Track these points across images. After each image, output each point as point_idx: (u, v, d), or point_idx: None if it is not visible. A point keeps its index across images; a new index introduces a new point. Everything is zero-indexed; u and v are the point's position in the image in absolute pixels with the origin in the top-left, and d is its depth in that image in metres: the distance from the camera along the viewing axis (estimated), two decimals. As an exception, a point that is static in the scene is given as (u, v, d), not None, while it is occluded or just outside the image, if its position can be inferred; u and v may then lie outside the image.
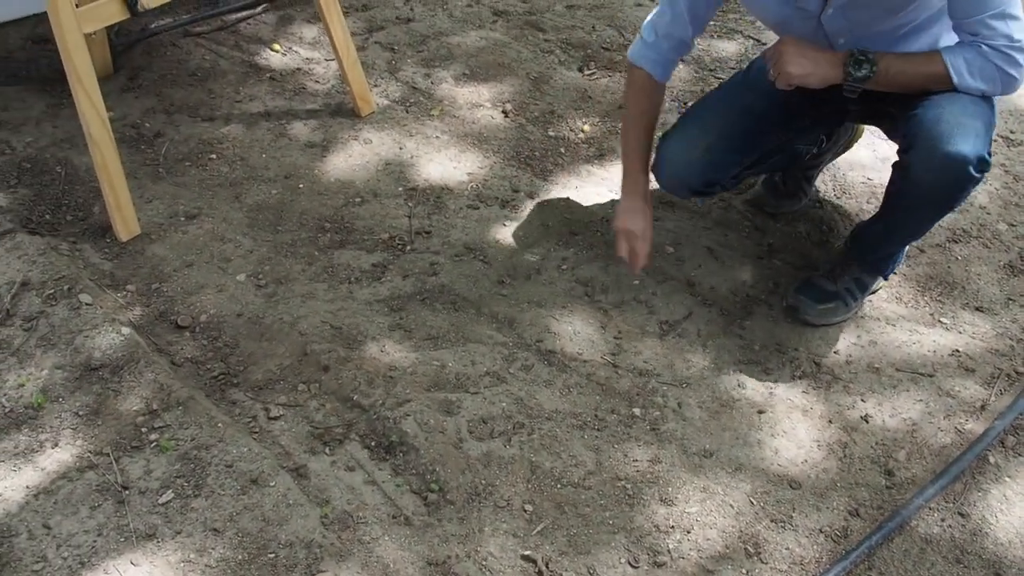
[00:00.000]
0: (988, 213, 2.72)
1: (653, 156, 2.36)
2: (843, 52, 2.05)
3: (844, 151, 2.70)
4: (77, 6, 2.25)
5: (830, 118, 2.38)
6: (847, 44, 2.10)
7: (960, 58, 1.99)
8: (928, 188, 2.06)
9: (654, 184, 2.37)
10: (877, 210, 2.31)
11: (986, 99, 2.06)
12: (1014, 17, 1.94)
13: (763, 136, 2.32)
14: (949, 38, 2.09)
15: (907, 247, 2.40)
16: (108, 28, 2.93)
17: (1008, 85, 2.01)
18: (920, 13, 2.07)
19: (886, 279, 2.40)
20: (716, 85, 3.13)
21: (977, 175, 1.99)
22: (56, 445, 1.94)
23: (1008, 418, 2.12)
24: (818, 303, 2.31)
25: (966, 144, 1.96)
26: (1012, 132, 3.03)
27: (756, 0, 2.22)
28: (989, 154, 2.01)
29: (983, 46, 1.97)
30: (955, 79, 2.00)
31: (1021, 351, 2.32)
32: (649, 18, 2.32)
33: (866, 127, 2.69)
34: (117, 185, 2.40)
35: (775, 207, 2.66)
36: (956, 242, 2.61)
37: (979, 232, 2.65)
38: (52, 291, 2.23)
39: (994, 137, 2.11)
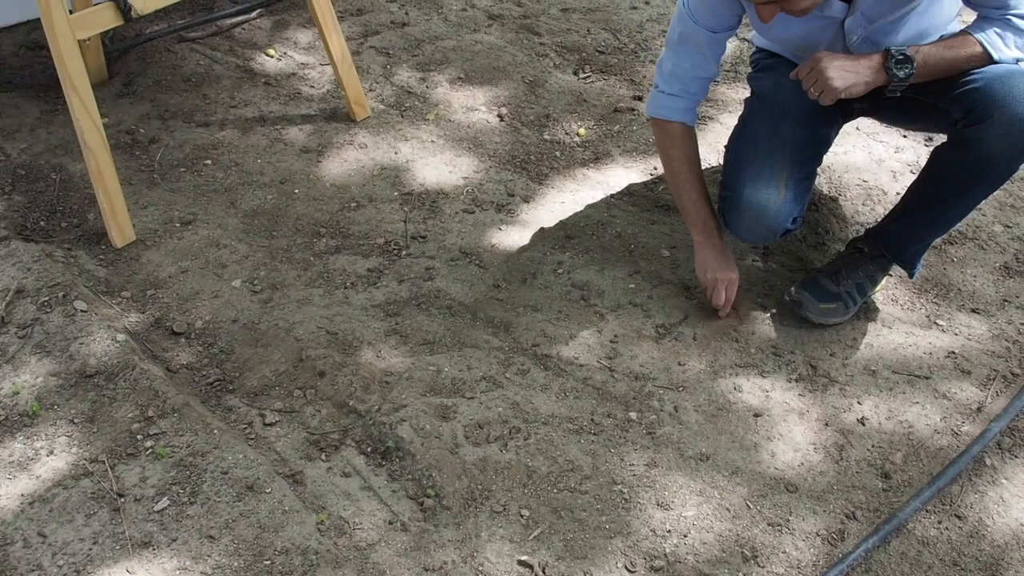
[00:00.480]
0: (984, 215, 2.72)
1: (725, 208, 2.28)
2: (879, 55, 2.04)
3: None
4: (71, 12, 2.24)
5: (841, 116, 2.39)
6: (861, 39, 2.11)
7: (991, 33, 2.03)
8: (1004, 159, 2.05)
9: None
10: (901, 206, 2.30)
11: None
12: None
13: (814, 159, 2.31)
14: (941, 13, 2.09)
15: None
16: (102, 34, 2.93)
17: None
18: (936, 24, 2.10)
19: (913, 277, 2.38)
20: (715, 97, 3.13)
21: None
22: (51, 453, 1.94)
23: (1004, 420, 2.12)
24: (820, 302, 2.31)
25: None
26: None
27: (777, 24, 2.13)
28: None
29: (1009, 17, 2.01)
30: (993, 53, 2.02)
31: (1017, 353, 2.32)
32: (663, 69, 2.30)
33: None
34: (112, 191, 2.39)
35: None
36: (952, 244, 2.61)
37: (975, 234, 2.65)
38: (47, 298, 2.23)
39: None
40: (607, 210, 2.66)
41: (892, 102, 2.21)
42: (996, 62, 2.04)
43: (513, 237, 2.57)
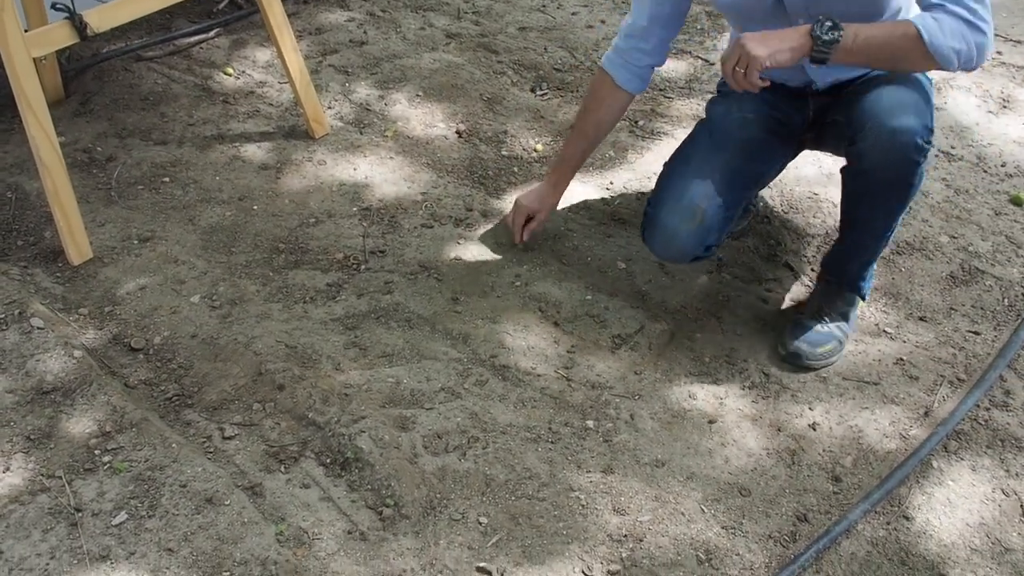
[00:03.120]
0: (930, 226, 2.79)
1: (644, 223, 2.32)
2: (806, 25, 1.99)
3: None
4: (26, 31, 2.25)
5: (790, 147, 2.40)
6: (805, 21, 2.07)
7: (927, 18, 1.95)
8: (882, 171, 2.07)
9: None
10: (838, 233, 2.35)
11: (922, 79, 2.14)
12: None
13: (744, 193, 2.33)
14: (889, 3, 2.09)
15: (875, 262, 2.39)
16: (59, 53, 2.93)
17: (980, 49, 1.96)
18: (882, 7, 2.08)
19: (864, 299, 2.41)
20: (669, 113, 3.19)
21: (926, 145, 2.04)
22: (7, 469, 1.93)
23: (950, 424, 2.18)
24: (816, 347, 2.31)
25: (907, 117, 2.02)
26: (953, 147, 3.12)
27: None
28: (932, 129, 2.08)
29: (948, 5, 1.94)
30: (926, 37, 1.93)
31: (963, 359, 2.38)
32: (623, 24, 2.36)
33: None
34: (68, 209, 2.39)
35: None
36: (900, 254, 2.68)
37: (922, 244, 2.72)
38: (2, 315, 2.22)
39: (935, 146, 2.16)
40: (564, 223, 2.70)
41: (832, 129, 2.27)
42: (928, 48, 1.93)
43: (471, 251, 2.60)
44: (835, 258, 2.38)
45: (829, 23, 1.96)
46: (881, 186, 2.13)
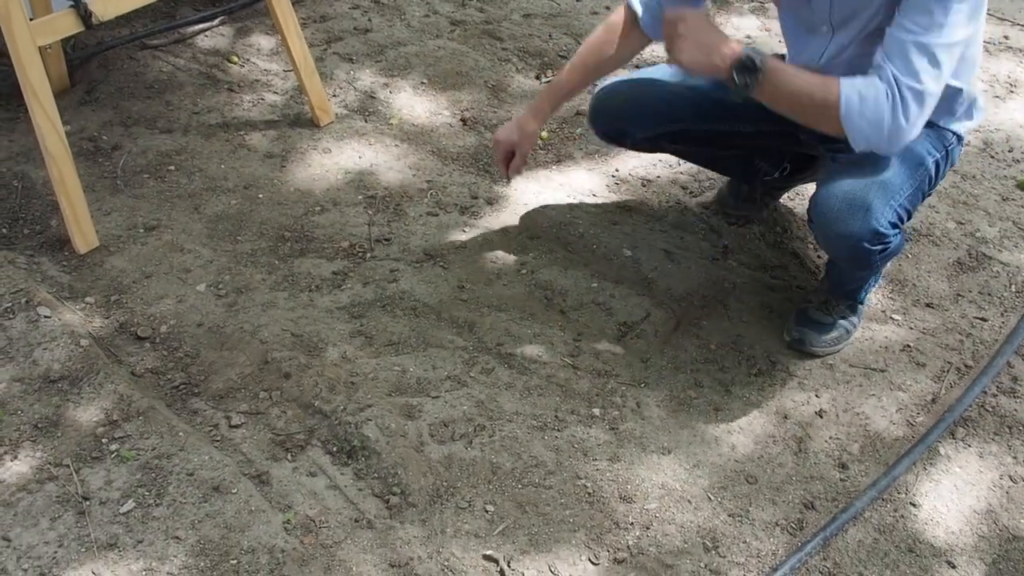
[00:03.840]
0: (937, 212, 2.78)
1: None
2: (737, 53, 1.86)
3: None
4: (31, 19, 2.25)
5: (780, 140, 2.32)
6: (828, 30, 2.02)
7: (856, 91, 1.82)
8: (836, 259, 2.18)
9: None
10: None
11: (918, 150, 2.02)
12: (937, 62, 1.79)
13: (686, 111, 2.31)
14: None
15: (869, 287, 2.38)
16: (64, 42, 2.93)
17: (894, 136, 1.84)
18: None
19: (861, 304, 2.38)
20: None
21: (877, 247, 1.99)
22: (15, 457, 1.93)
23: (958, 411, 2.17)
24: (821, 334, 2.31)
25: (855, 222, 1.95)
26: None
27: None
28: (902, 216, 2.01)
29: (888, 74, 1.80)
30: (842, 110, 1.82)
31: (970, 345, 2.37)
32: None
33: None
34: (74, 198, 2.39)
35: (734, 208, 2.70)
36: (907, 240, 2.67)
37: (928, 230, 2.71)
38: (10, 304, 2.23)
39: (903, 230, 2.07)
40: (569, 211, 2.70)
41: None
42: (841, 121, 1.83)
43: (477, 239, 2.59)
44: (834, 267, 2.35)
45: (751, 65, 1.85)
46: (843, 265, 2.20)
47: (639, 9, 2.24)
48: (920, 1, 1.78)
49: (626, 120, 2.38)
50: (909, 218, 2.08)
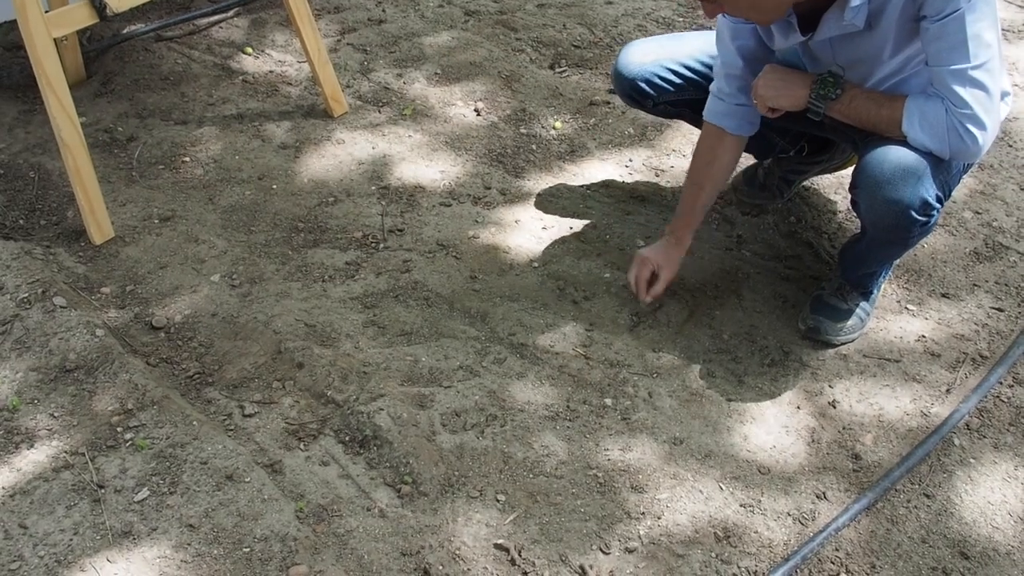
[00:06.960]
0: (954, 201, 2.76)
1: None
2: (815, 73, 2.05)
3: (836, 170, 2.70)
4: (46, 11, 2.26)
5: (801, 120, 2.27)
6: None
7: (918, 108, 1.94)
8: (876, 228, 2.09)
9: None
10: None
11: None
12: (978, 83, 1.87)
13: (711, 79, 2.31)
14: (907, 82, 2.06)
15: (883, 275, 2.37)
16: (80, 33, 2.95)
17: (960, 151, 1.93)
18: (907, 72, 2.04)
19: (873, 295, 2.36)
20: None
21: (921, 218, 1.99)
22: (32, 446, 1.95)
23: (972, 401, 2.16)
24: (836, 322, 2.29)
25: (907, 189, 1.95)
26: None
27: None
28: (942, 195, 2.01)
29: (949, 104, 1.90)
30: (904, 124, 1.95)
31: (985, 336, 2.36)
32: (715, 68, 2.27)
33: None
34: (90, 189, 2.41)
35: (749, 197, 2.69)
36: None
37: (945, 220, 2.69)
38: (26, 295, 2.25)
39: (940, 211, 2.04)
40: (583, 202, 2.70)
41: (842, 132, 2.23)
42: (906, 135, 1.96)
43: (489, 229, 2.60)
44: (847, 253, 2.33)
45: (832, 80, 2.02)
46: (878, 239, 2.15)
47: (723, 124, 2.26)
48: (944, 34, 1.85)
49: (650, 83, 2.40)
50: (947, 198, 2.08)
